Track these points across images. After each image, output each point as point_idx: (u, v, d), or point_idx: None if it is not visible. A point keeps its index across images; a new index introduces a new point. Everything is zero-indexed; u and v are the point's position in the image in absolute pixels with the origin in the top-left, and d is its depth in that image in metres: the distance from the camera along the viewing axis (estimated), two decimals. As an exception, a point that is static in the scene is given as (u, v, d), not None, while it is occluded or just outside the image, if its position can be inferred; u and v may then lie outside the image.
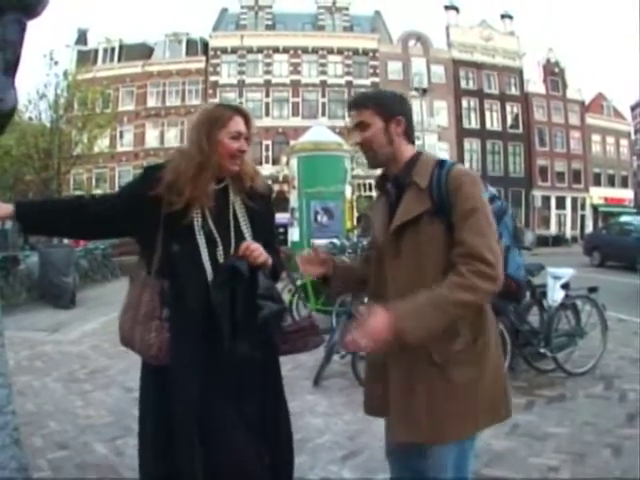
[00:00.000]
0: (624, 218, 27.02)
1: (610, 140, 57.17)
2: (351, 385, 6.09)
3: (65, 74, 30.51)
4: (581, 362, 6.63)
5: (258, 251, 2.57)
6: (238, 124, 2.63)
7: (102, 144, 34.34)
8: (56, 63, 29.09)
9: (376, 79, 48.13)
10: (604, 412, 5.28)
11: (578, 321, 6.74)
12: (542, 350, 6.29)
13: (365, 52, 49.37)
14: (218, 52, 48.85)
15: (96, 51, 49.56)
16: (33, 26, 3.07)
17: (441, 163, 2.42)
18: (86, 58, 44.89)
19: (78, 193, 39.08)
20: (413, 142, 2.55)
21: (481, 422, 2.40)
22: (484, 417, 2.39)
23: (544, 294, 6.55)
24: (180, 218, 2.54)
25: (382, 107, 2.46)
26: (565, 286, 6.58)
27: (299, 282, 9.74)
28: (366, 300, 2.81)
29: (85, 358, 8.06)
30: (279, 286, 9.35)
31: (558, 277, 6.53)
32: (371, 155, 2.52)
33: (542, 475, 4.04)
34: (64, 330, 10.50)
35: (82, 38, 50.99)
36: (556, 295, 6.45)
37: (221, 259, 2.58)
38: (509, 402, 2.49)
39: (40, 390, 6.46)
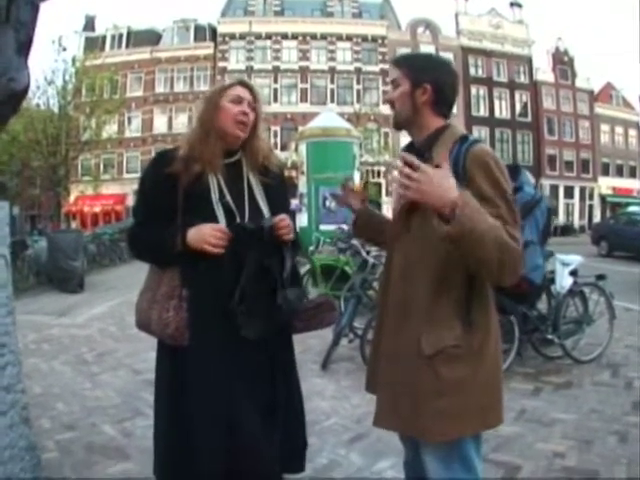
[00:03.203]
0: (632, 208, 26.95)
1: (619, 130, 56.78)
2: (359, 369, 6.07)
3: (73, 60, 30.55)
4: (588, 350, 6.62)
5: (289, 228, 2.63)
6: (238, 90, 2.66)
7: (110, 130, 34.43)
8: (64, 49, 29.19)
9: (385, 66, 47.57)
10: (610, 399, 5.28)
11: (586, 308, 6.72)
12: (550, 336, 6.27)
13: (374, 39, 49.07)
14: (226, 38, 48.63)
15: (104, 37, 49.38)
16: (41, 12, 3.07)
17: (463, 139, 2.30)
18: (94, 44, 44.76)
19: (86, 178, 39.28)
20: (445, 115, 2.45)
21: (468, 426, 2.25)
22: (471, 421, 2.24)
23: (552, 280, 6.53)
24: (198, 191, 2.55)
25: (412, 71, 2.38)
26: (573, 273, 6.57)
27: (307, 266, 9.78)
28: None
29: (93, 341, 8.10)
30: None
31: (566, 264, 6.51)
32: (394, 114, 2.46)
33: (549, 461, 4.03)
34: (72, 314, 10.57)
35: (90, 24, 50.83)
36: (564, 282, 6.43)
37: None
38: (501, 409, 2.34)
39: (48, 372, 6.49)
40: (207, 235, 2.47)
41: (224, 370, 2.52)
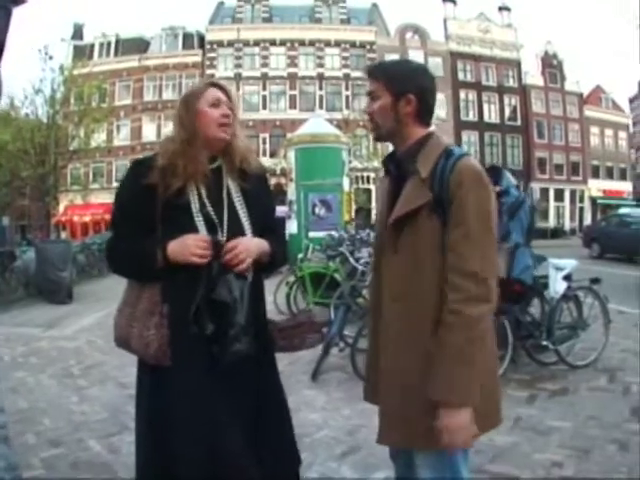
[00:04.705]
0: (623, 210, 27.01)
1: (608, 132, 57.24)
2: (350, 379, 6.00)
3: (61, 69, 30.46)
4: (583, 355, 6.55)
5: (238, 259, 2.42)
6: (215, 92, 2.53)
7: (99, 138, 34.37)
8: (51, 58, 29.20)
9: (374, 71, 47.92)
10: (608, 406, 5.20)
11: (580, 313, 6.65)
12: (544, 342, 6.19)
13: (362, 44, 49.19)
14: (214, 45, 48.72)
15: (92, 46, 49.48)
16: (29, 21, 2.98)
17: (448, 152, 2.25)
18: (82, 53, 44.70)
19: (75, 188, 39.24)
20: (427, 124, 2.38)
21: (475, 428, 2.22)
22: (478, 423, 2.21)
23: (545, 285, 6.45)
24: (178, 202, 2.41)
25: (393, 82, 2.29)
26: (567, 277, 6.48)
27: (297, 274, 9.69)
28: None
29: (80, 354, 7.97)
30: (276, 279, 9.20)
31: (560, 268, 6.43)
32: (375, 127, 2.39)
33: (546, 471, 3.95)
34: (60, 326, 10.41)
35: (78, 33, 50.85)
36: (558, 286, 6.34)
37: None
38: (500, 409, 2.39)
39: (35, 386, 6.38)
40: (192, 246, 2.34)
41: (207, 390, 2.39)
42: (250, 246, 2.48)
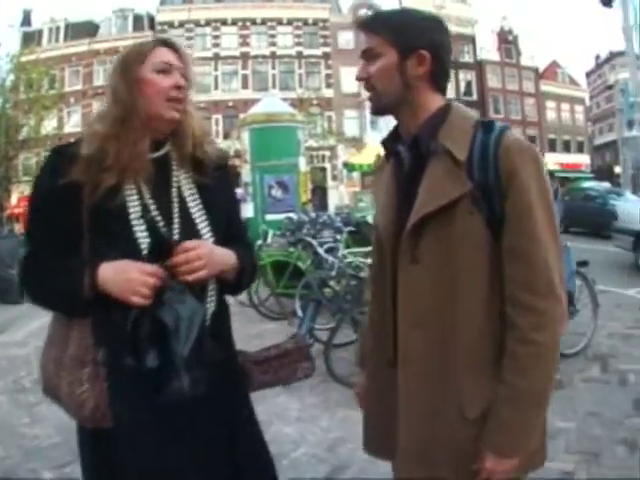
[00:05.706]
0: (587, 184, 27.22)
1: (565, 107, 58.65)
2: (324, 380, 5.48)
3: (9, 56, 29.69)
4: (572, 341, 6.22)
5: (191, 265, 1.78)
6: (164, 54, 1.90)
7: (49, 126, 33.75)
8: (-2, 45, 28.40)
9: (327, 49, 48.18)
10: (607, 399, 4.92)
11: (570, 299, 6.25)
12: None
13: (315, 22, 49.04)
14: (165, 27, 47.87)
15: (41, 31, 48.52)
16: None
17: (485, 125, 1.69)
18: (31, 39, 44.01)
19: (26, 178, 38.39)
20: (443, 90, 1.79)
21: (516, 474, 1.74)
22: (519, 469, 1.72)
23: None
24: (110, 206, 1.77)
25: (399, 34, 1.69)
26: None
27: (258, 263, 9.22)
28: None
29: (30, 363, 7.16)
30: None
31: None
32: (374, 96, 1.78)
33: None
34: (11, 329, 9.76)
35: (27, 19, 49.87)
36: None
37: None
38: (545, 447, 1.83)
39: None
40: (137, 283, 1.71)
41: (165, 452, 1.82)
42: (214, 255, 1.86)
